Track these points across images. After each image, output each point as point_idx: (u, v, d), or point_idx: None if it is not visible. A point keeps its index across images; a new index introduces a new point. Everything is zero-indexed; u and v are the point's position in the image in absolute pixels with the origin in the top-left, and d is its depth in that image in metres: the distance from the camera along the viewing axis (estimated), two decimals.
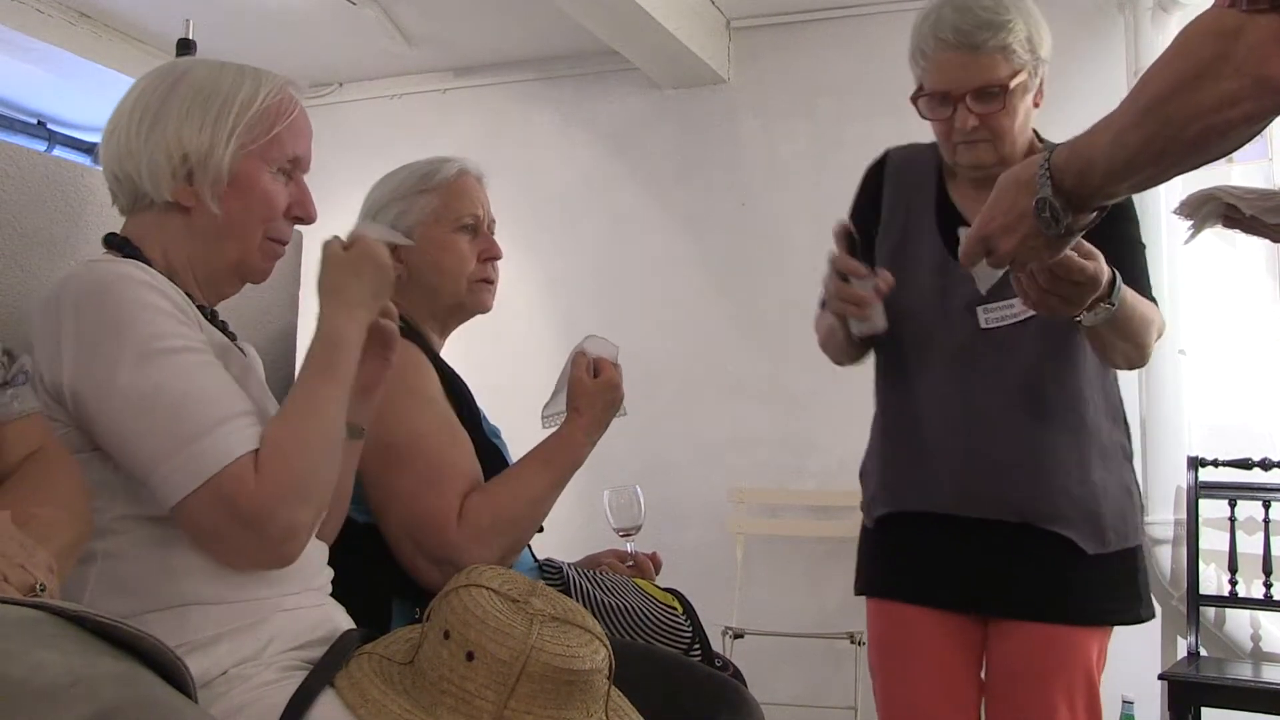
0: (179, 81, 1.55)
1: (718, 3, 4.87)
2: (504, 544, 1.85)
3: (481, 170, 2.18)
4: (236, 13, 4.87)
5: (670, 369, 4.77)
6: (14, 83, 5.61)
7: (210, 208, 1.52)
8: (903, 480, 2.15)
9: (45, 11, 4.91)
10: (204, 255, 1.55)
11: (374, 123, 5.55)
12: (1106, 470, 2.07)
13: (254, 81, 1.57)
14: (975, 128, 2.00)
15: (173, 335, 1.39)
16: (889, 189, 2.21)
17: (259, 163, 1.55)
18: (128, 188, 1.55)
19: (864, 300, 1.98)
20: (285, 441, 1.38)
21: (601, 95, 5.20)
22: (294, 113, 1.59)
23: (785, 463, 4.66)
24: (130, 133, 1.52)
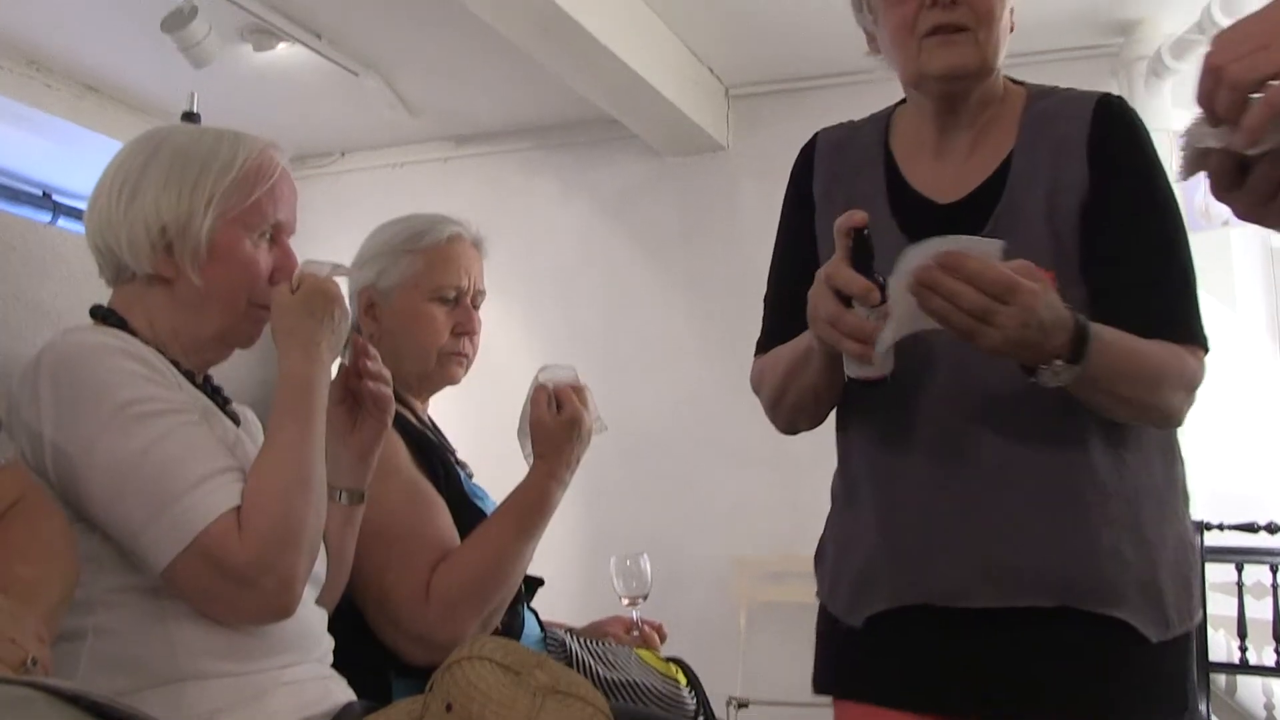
0: (157, 150, 1.53)
1: (716, 71, 4.92)
2: (478, 608, 1.80)
3: (481, 236, 2.12)
4: (239, 84, 4.92)
5: (672, 434, 4.76)
6: (20, 155, 5.66)
7: (191, 279, 1.50)
8: (887, 566, 1.60)
9: (53, 85, 4.97)
10: (188, 325, 1.53)
11: (376, 191, 5.58)
12: (1164, 521, 1.55)
13: (232, 146, 1.55)
14: (953, 1, 1.52)
15: (149, 399, 1.38)
16: (819, 178, 1.74)
17: (239, 230, 1.53)
18: (110, 260, 1.54)
19: (870, 335, 1.41)
20: (263, 492, 1.37)
21: (602, 163, 5.24)
22: (274, 176, 1.56)
23: (788, 528, 4.63)
24: (110, 204, 1.51)
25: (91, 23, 4.57)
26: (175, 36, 4.16)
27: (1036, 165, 1.56)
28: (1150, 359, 1.46)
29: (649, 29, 4.38)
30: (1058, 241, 1.52)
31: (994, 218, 1.55)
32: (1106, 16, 4.30)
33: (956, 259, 1.32)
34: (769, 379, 1.69)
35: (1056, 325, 1.35)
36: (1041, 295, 1.33)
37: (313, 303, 1.50)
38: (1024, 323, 1.32)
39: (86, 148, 5.28)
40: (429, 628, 1.76)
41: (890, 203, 1.62)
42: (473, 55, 4.65)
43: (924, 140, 1.65)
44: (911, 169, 1.64)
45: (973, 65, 1.54)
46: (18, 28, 4.62)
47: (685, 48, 4.67)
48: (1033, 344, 1.36)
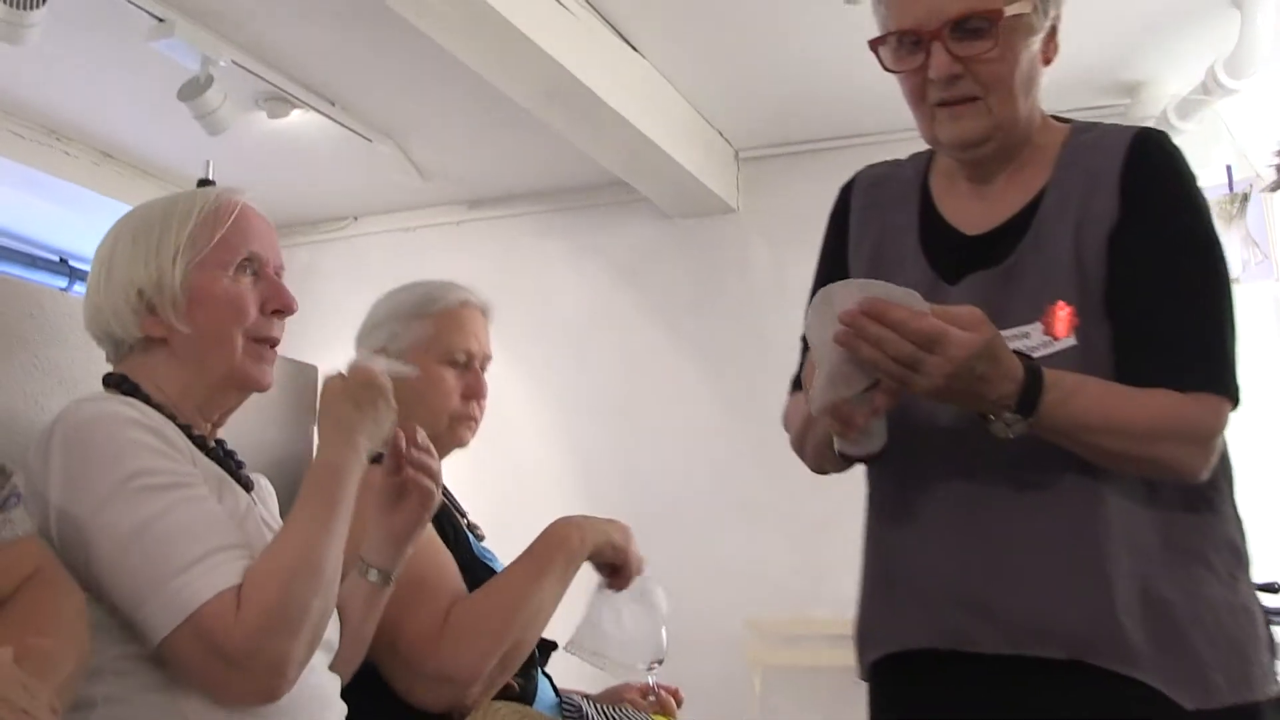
0: (123, 227, 1.56)
1: (726, 134, 4.97)
2: (494, 646, 1.78)
3: (489, 304, 2.15)
4: (254, 150, 4.98)
5: (683, 497, 4.75)
6: (38, 221, 5.73)
7: (180, 329, 1.51)
8: (896, 607, 1.54)
9: (71, 153, 5.04)
10: (194, 377, 1.54)
11: (389, 255, 5.62)
12: (1195, 579, 1.42)
13: (187, 201, 1.56)
14: (956, 76, 1.45)
15: (156, 472, 1.37)
16: (855, 209, 1.70)
17: (212, 270, 1.53)
18: (107, 343, 1.56)
19: (853, 419, 1.39)
20: (267, 573, 1.35)
21: (613, 225, 5.28)
22: (234, 212, 1.57)
23: (802, 590, 4.61)
24: (95, 291, 1.55)
25: (109, 91, 4.64)
26: (191, 104, 4.22)
27: (1068, 198, 1.50)
28: (1138, 411, 1.38)
29: (658, 93, 4.43)
30: (1082, 276, 1.45)
31: (1019, 250, 1.49)
32: (1112, 78, 4.35)
33: (880, 306, 1.30)
34: (793, 422, 1.65)
35: (1000, 376, 1.32)
36: (973, 345, 1.29)
37: (358, 392, 1.51)
38: (952, 373, 1.30)
39: (103, 214, 5.32)
40: (446, 662, 1.74)
41: (920, 234, 1.59)
42: (484, 120, 4.71)
43: (960, 175, 1.60)
44: (946, 202, 1.61)
45: (981, 134, 1.49)
46: (38, 97, 4.69)
47: (695, 111, 4.71)
48: (969, 394, 1.33)
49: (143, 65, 4.28)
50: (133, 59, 4.26)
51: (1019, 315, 1.44)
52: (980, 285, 1.48)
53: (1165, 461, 1.40)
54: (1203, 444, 1.40)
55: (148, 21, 3.95)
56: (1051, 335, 1.43)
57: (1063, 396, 1.35)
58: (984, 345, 1.30)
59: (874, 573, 1.60)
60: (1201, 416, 1.40)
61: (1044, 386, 1.34)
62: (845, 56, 4.13)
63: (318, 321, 5.47)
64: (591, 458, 4.88)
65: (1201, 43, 4.04)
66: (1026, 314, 1.45)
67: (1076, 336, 1.43)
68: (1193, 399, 1.39)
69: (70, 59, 4.28)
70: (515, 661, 1.85)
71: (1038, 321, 1.44)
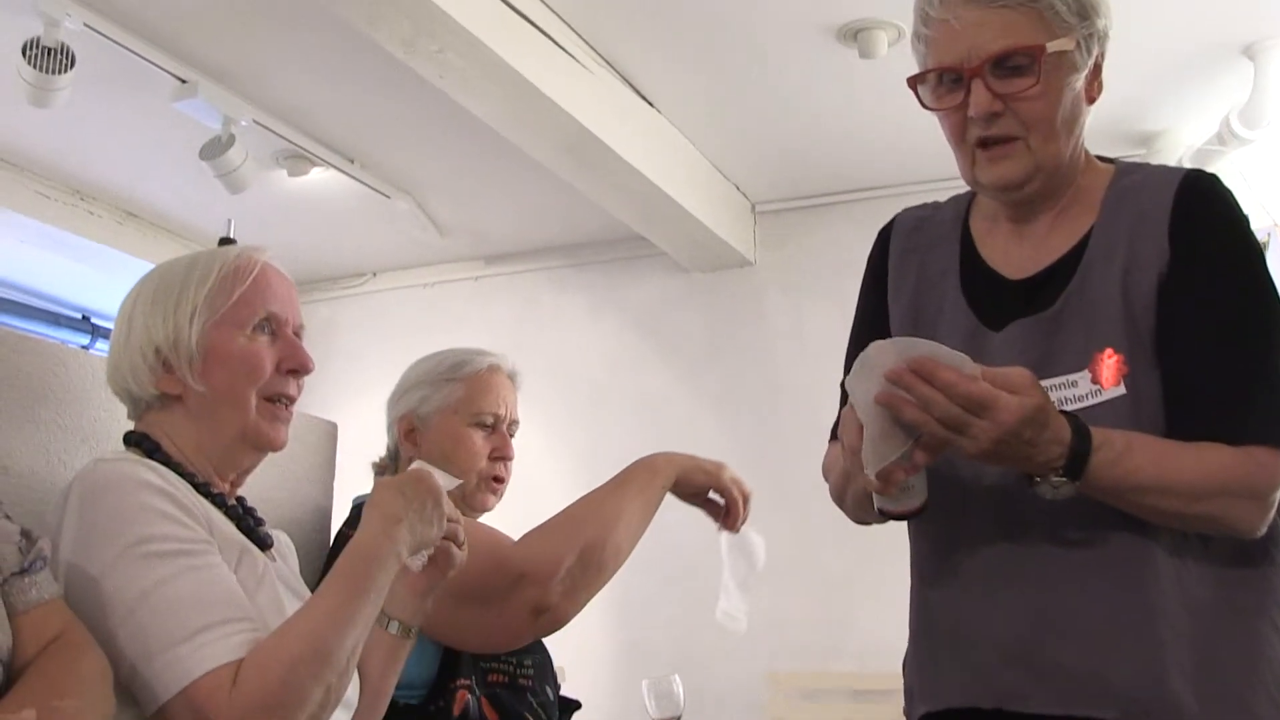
0: (144, 285, 1.58)
1: (742, 188, 4.99)
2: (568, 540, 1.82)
3: (517, 371, 2.20)
4: (274, 208, 5.03)
5: (702, 551, 4.71)
6: (61, 280, 5.78)
7: (195, 387, 1.52)
8: (942, 664, 1.50)
9: (95, 212, 5.10)
10: (209, 435, 1.54)
11: (407, 311, 5.65)
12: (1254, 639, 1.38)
13: (208, 259, 1.58)
14: (996, 114, 1.42)
15: (166, 539, 1.37)
16: (893, 253, 1.66)
17: (229, 329, 1.54)
18: (126, 399, 1.57)
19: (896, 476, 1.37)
20: (271, 656, 1.32)
21: (630, 280, 5.30)
22: (254, 271, 1.58)
23: (822, 644, 4.57)
24: (116, 347, 1.56)
25: (133, 152, 4.70)
26: (213, 163, 4.27)
27: (1115, 242, 1.45)
28: (1190, 469, 1.34)
29: (675, 147, 4.46)
30: (1131, 323, 1.41)
31: (1065, 296, 1.45)
32: (1127, 128, 4.36)
33: (929, 366, 1.28)
34: (832, 473, 1.63)
35: (1048, 440, 1.30)
36: (1023, 411, 1.27)
37: (409, 486, 1.48)
38: (999, 438, 1.28)
39: (126, 272, 5.39)
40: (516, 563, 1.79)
41: (961, 279, 1.55)
42: (501, 176, 4.75)
43: (1002, 218, 1.56)
44: (987, 245, 1.56)
45: (1023, 176, 1.46)
46: (64, 158, 4.75)
47: (711, 165, 4.74)
48: (1018, 457, 1.31)
49: (166, 125, 4.33)
50: (156, 119, 4.32)
51: (1066, 363, 1.41)
52: (1025, 332, 1.45)
53: (1220, 518, 1.36)
54: (1259, 499, 1.35)
55: (171, 83, 4.01)
56: (1099, 384, 1.40)
57: (1113, 457, 1.32)
58: (1034, 410, 1.28)
59: (920, 630, 1.57)
60: (1256, 471, 1.34)
61: (1092, 449, 1.31)
62: (861, 110, 4.17)
63: (337, 377, 5.51)
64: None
65: (1216, 93, 4.06)
66: (1073, 362, 1.41)
67: (1125, 385, 1.40)
68: (1246, 453, 1.34)
69: (95, 120, 4.34)
70: (597, 562, 1.84)
71: (1085, 370, 1.41)
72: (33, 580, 1.28)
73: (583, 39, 3.81)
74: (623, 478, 1.94)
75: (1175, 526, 1.38)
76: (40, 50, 3.59)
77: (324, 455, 2.27)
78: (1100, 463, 1.32)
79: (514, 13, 3.45)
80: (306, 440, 2.15)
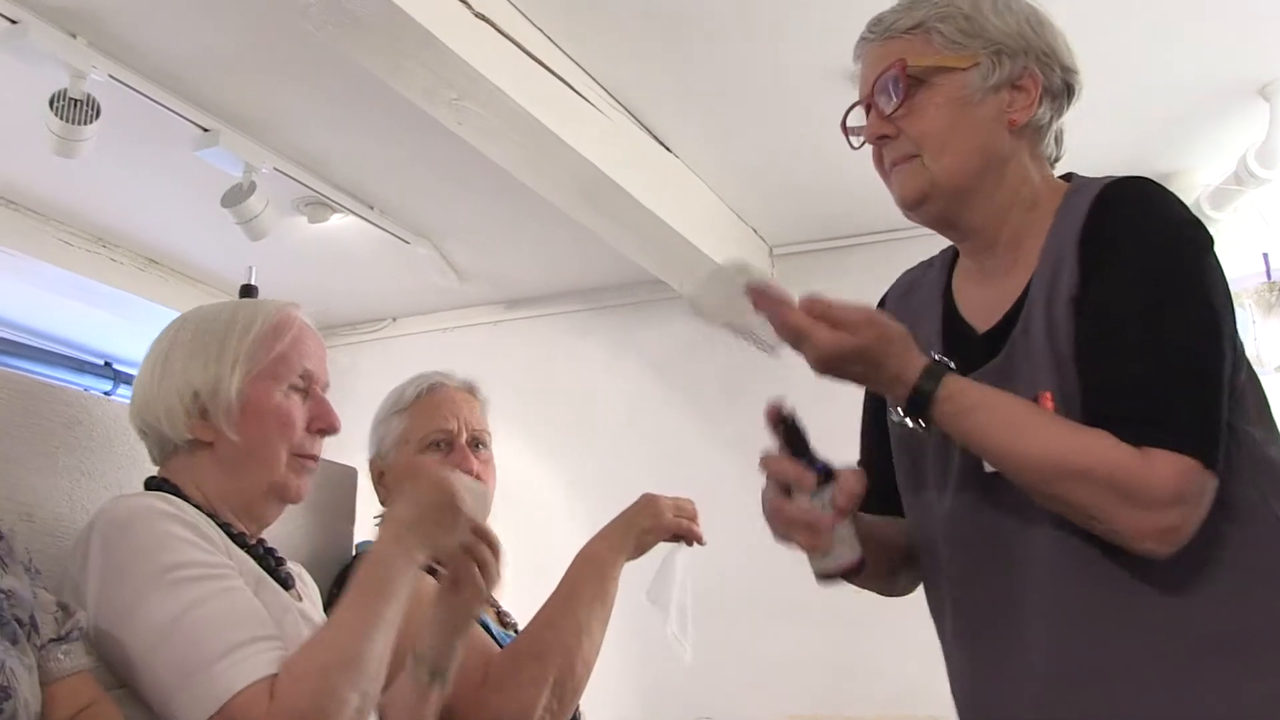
0: (181, 327, 1.61)
1: (760, 231, 5.01)
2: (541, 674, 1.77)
3: (472, 383, 2.14)
4: (295, 254, 5.06)
5: (722, 594, 4.70)
6: (83, 326, 5.83)
7: (229, 437, 1.55)
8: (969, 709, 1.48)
9: (117, 259, 5.14)
10: (236, 484, 1.56)
11: (427, 355, 5.65)
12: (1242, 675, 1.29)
13: (250, 310, 1.62)
14: (887, 136, 1.47)
15: (192, 564, 1.38)
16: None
17: (268, 383, 1.58)
18: (153, 437, 1.59)
19: (816, 525, 1.38)
20: (304, 665, 1.34)
21: (649, 323, 5.30)
22: (295, 329, 1.62)
23: (845, 688, 4.54)
24: (146, 385, 1.58)
25: (155, 199, 4.75)
26: (234, 210, 4.31)
27: (1044, 274, 1.41)
28: (1043, 443, 1.28)
29: (692, 191, 4.48)
30: (1056, 358, 1.36)
31: (1010, 341, 1.42)
32: (1143, 169, 4.33)
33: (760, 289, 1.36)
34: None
35: (889, 378, 1.34)
36: (834, 346, 1.31)
37: (422, 494, 1.49)
38: (822, 368, 1.34)
39: (148, 319, 5.43)
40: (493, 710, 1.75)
41: (944, 343, 1.52)
42: (520, 221, 4.77)
43: (972, 267, 1.55)
44: (964, 297, 1.55)
45: (917, 193, 1.47)
46: (86, 205, 4.81)
47: (728, 209, 4.76)
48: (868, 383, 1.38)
49: (187, 173, 4.38)
50: (178, 168, 4.36)
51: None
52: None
53: (1079, 507, 1.28)
54: (1139, 503, 1.24)
55: (193, 131, 4.06)
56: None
57: (956, 410, 1.31)
58: (853, 349, 1.32)
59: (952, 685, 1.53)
60: (1143, 472, 1.24)
61: (936, 398, 1.31)
62: None
63: (356, 421, 5.51)
64: None
65: (1231, 133, 4.06)
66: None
67: None
68: (1141, 452, 1.25)
69: (117, 168, 4.39)
70: (572, 687, 1.82)
71: None
72: (68, 649, 1.29)
73: (600, 85, 3.84)
74: (573, 586, 1.86)
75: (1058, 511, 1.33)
76: (67, 102, 3.65)
77: (344, 500, 2.28)
78: (944, 413, 1.32)
79: (532, 60, 3.49)
80: (326, 485, 2.15)
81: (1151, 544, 1.26)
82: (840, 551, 1.38)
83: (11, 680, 1.12)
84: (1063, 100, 1.50)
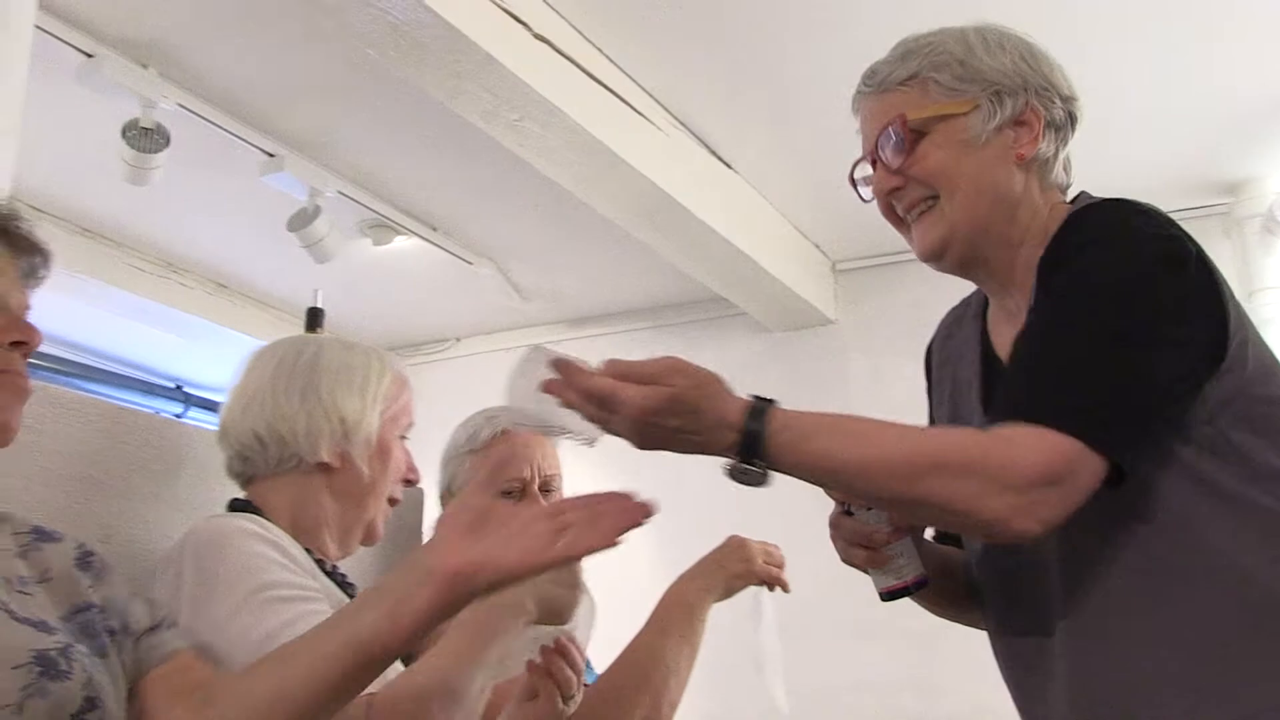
0: (319, 356, 1.65)
1: (822, 246, 4.99)
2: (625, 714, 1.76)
3: None
4: (359, 276, 5.12)
5: (789, 613, 4.67)
6: (155, 351, 5.94)
7: (360, 469, 1.62)
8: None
9: (187, 284, 5.24)
10: (343, 513, 1.62)
11: (489, 376, 5.62)
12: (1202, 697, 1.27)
13: (379, 358, 1.70)
14: (897, 189, 1.47)
15: (284, 585, 1.41)
16: (935, 372, 1.67)
17: (391, 427, 1.67)
18: (274, 450, 1.60)
19: (877, 540, 1.40)
20: (402, 691, 1.34)
21: (713, 340, 5.30)
22: (409, 386, 1.74)
23: (909, 708, 4.48)
24: (280, 399, 1.60)
25: (223, 225, 4.83)
26: (299, 234, 4.37)
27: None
28: (890, 447, 1.24)
29: (753, 208, 4.48)
30: None
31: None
32: (1213, 178, 4.29)
33: (562, 364, 1.27)
34: None
35: (710, 426, 1.25)
36: (645, 401, 1.22)
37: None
38: (638, 432, 1.25)
39: (217, 342, 5.52)
40: None
41: (981, 380, 1.50)
42: (582, 241, 4.80)
43: (997, 306, 1.53)
44: (997, 336, 1.51)
45: (939, 242, 1.45)
46: (156, 232, 4.90)
47: (790, 224, 4.75)
48: (689, 445, 1.27)
49: (253, 199, 4.45)
50: (244, 193, 4.44)
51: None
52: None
53: (942, 503, 1.22)
54: (994, 481, 1.19)
55: (258, 157, 4.13)
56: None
57: (795, 439, 1.24)
58: (665, 400, 1.22)
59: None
60: (1005, 452, 1.21)
61: (768, 431, 1.23)
62: None
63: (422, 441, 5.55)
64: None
65: None
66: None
67: None
68: (1004, 437, 1.22)
69: (186, 195, 4.47)
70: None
71: None
72: (167, 635, 1.30)
73: (659, 103, 3.85)
74: (661, 628, 1.83)
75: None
76: (138, 131, 3.73)
77: (411, 521, 2.29)
78: (782, 444, 1.23)
79: (592, 80, 3.51)
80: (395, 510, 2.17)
81: (1020, 526, 1.20)
82: (899, 568, 1.40)
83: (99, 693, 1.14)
84: (1066, 130, 1.48)
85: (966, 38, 1.46)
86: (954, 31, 1.47)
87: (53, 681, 1.09)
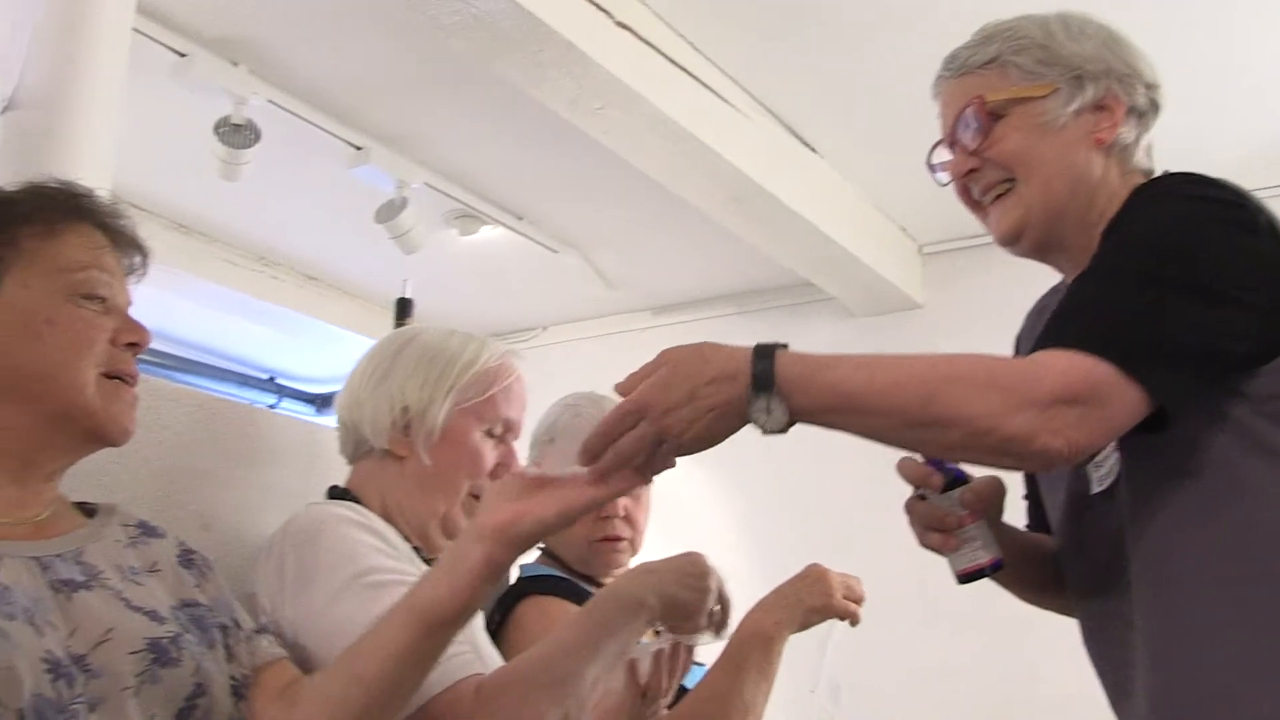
0: (409, 343, 1.65)
1: (908, 230, 4.93)
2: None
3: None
4: (446, 266, 5.17)
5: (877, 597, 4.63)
6: (248, 343, 6.05)
7: (421, 458, 1.58)
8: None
9: (278, 278, 5.33)
10: (413, 503, 1.59)
11: (576, 364, 5.70)
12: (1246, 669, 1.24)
13: (477, 346, 1.65)
14: (974, 170, 1.47)
15: (385, 570, 1.41)
16: (1022, 341, 1.70)
17: (472, 420, 1.61)
18: (352, 435, 1.64)
19: (949, 523, 1.41)
20: (512, 676, 1.35)
21: (798, 326, 5.26)
22: (510, 379, 1.65)
23: (1002, 695, 4.42)
24: (360, 385, 1.63)
25: (312, 219, 4.91)
26: (387, 226, 4.42)
27: None
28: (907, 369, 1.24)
29: (839, 192, 4.44)
30: None
31: None
32: None
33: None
34: None
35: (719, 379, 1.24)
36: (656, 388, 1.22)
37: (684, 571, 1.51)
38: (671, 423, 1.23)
39: (307, 333, 5.61)
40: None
41: None
42: (667, 228, 4.79)
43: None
44: None
45: (1015, 227, 1.46)
46: (248, 227, 5.00)
47: (875, 208, 4.70)
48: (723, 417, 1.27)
49: (342, 191, 4.51)
50: (333, 186, 4.50)
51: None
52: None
53: (958, 419, 1.19)
54: (1025, 398, 1.17)
55: (346, 150, 4.18)
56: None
57: (808, 371, 1.24)
58: (668, 376, 1.23)
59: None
60: (1029, 369, 1.21)
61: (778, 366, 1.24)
62: None
63: None
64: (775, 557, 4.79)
65: None
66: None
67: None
68: (1031, 358, 1.23)
69: (276, 190, 4.54)
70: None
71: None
72: (270, 639, 1.33)
73: (742, 88, 3.83)
74: (739, 663, 1.79)
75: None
76: (229, 127, 3.80)
77: None
78: (793, 379, 1.24)
79: (674, 66, 3.50)
80: None
81: (1043, 444, 1.17)
82: (973, 551, 1.41)
83: (206, 680, 1.18)
84: (1149, 117, 1.47)
85: (1048, 24, 1.45)
86: (1036, 18, 1.47)
87: (164, 668, 1.14)
